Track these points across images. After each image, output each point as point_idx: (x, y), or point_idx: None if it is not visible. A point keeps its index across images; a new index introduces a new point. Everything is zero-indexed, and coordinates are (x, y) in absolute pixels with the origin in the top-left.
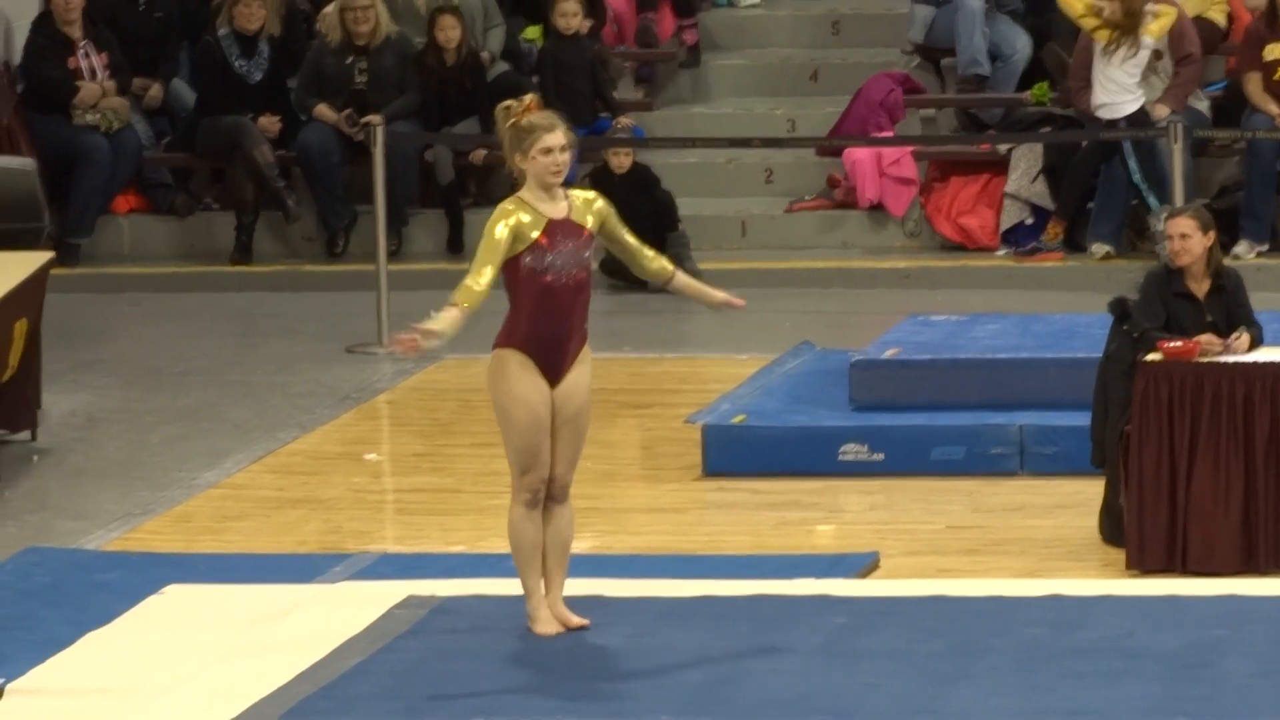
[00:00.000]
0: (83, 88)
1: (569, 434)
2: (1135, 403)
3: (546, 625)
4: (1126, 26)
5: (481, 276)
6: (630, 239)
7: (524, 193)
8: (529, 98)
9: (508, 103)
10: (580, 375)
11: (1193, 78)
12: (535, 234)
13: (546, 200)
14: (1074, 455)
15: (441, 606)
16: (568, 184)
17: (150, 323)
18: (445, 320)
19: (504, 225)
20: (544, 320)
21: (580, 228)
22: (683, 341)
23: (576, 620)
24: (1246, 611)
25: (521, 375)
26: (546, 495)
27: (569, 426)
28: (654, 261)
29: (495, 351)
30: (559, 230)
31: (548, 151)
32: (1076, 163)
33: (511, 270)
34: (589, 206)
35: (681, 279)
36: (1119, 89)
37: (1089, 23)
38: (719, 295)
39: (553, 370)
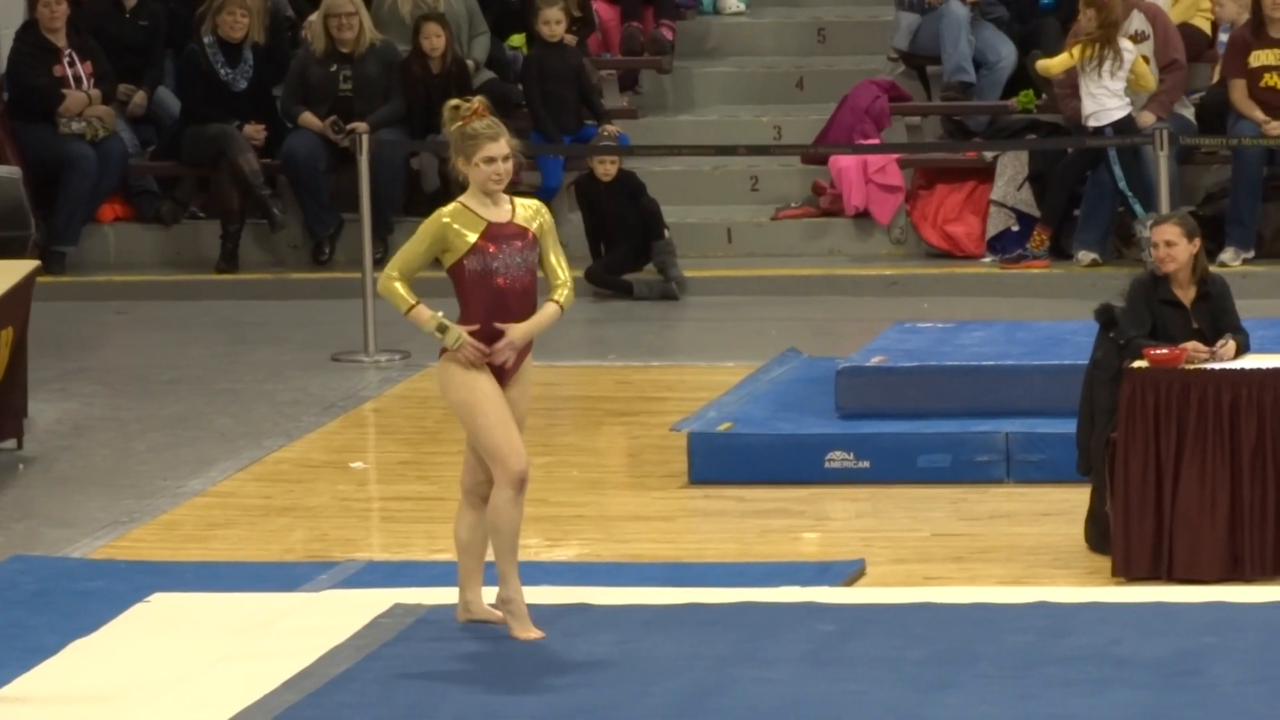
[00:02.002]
0: (68, 96)
1: None
2: (1121, 410)
3: (527, 629)
4: (1106, 36)
5: (397, 275)
6: (551, 260)
7: (466, 197)
8: (477, 100)
9: (455, 102)
10: (524, 389)
11: (1179, 84)
12: (473, 237)
13: (489, 205)
14: (1060, 463)
15: (427, 615)
16: (551, 191)
17: (136, 331)
18: (433, 318)
19: (423, 238)
20: (494, 322)
21: (524, 230)
22: (669, 349)
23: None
24: (1234, 619)
25: (476, 371)
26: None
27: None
28: (552, 290)
29: (446, 356)
30: (500, 232)
31: (490, 161)
32: (1061, 169)
33: (457, 275)
34: (533, 214)
35: (544, 307)
36: (1108, 94)
37: (1074, 53)
38: (513, 329)
39: (500, 372)
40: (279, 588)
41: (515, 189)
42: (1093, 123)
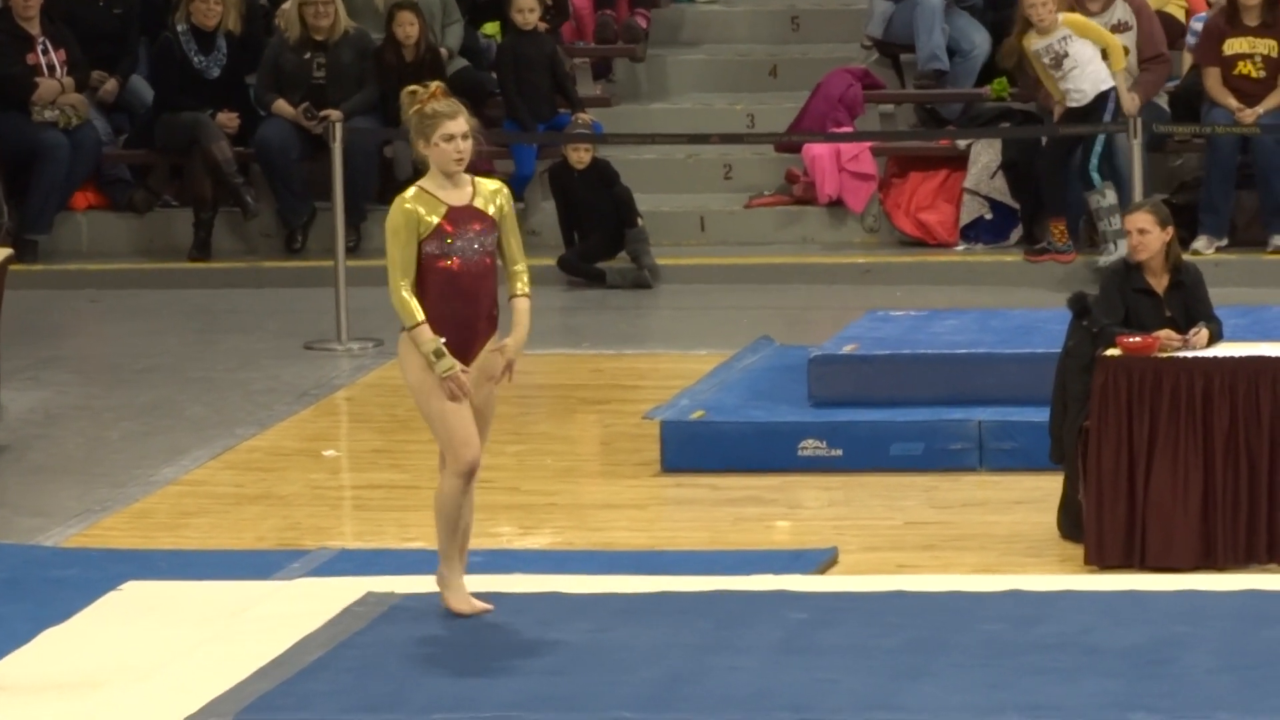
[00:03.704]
0: (41, 84)
1: (478, 421)
2: (1094, 398)
3: (462, 603)
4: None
5: (405, 284)
6: (510, 244)
7: (425, 181)
8: (434, 85)
9: (413, 88)
10: (488, 363)
11: (1160, 78)
12: (435, 220)
13: (449, 187)
14: (1033, 451)
15: (399, 603)
16: (524, 179)
17: (109, 319)
18: (433, 340)
19: (399, 233)
20: (451, 303)
21: (482, 214)
22: (641, 337)
23: (481, 605)
24: (1206, 607)
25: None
26: None
27: (476, 413)
28: (512, 278)
29: (406, 334)
30: (460, 216)
31: (449, 138)
32: (1049, 155)
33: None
34: (493, 195)
35: (517, 306)
36: (1096, 59)
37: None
38: (509, 348)
39: (463, 351)
40: (251, 576)
41: (489, 178)
42: (1090, 96)
